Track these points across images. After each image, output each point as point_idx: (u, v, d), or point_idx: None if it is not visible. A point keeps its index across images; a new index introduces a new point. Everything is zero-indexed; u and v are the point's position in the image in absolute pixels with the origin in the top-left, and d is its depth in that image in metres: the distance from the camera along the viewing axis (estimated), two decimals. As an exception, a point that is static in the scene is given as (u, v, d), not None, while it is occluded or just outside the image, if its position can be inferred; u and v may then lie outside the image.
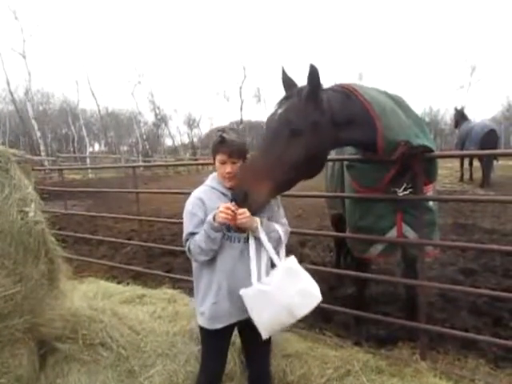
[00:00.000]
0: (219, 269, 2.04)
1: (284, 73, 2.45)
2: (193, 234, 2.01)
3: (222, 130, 2.09)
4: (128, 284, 4.32)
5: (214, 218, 1.92)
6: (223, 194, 2.09)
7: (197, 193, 2.12)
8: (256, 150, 2.26)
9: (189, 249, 2.03)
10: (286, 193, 2.45)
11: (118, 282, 4.56)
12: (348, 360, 2.67)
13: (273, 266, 2.07)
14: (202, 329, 2.14)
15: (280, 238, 2.09)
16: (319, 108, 2.26)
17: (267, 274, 2.05)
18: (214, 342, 2.15)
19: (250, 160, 2.15)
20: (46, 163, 22.94)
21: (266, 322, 1.99)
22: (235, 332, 2.23)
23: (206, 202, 2.05)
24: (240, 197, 1.98)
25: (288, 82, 2.43)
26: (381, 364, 2.66)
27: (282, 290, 1.96)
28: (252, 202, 1.99)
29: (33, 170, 3.21)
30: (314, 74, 2.19)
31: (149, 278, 4.90)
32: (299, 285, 2.01)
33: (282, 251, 2.13)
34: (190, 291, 4.13)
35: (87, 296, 3.61)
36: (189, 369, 2.61)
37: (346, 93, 2.46)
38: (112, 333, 2.70)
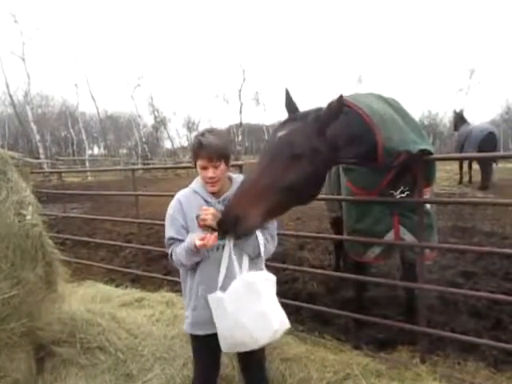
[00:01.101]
0: (198, 275, 2.00)
1: (288, 95, 2.39)
2: (173, 239, 1.99)
3: (201, 133, 2.00)
4: (127, 287, 4.31)
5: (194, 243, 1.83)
6: (205, 200, 2.01)
7: (179, 195, 2.07)
8: (253, 170, 2.15)
9: (171, 255, 2.00)
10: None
11: (117, 286, 4.54)
12: (347, 363, 2.66)
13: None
14: (191, 335, 2.10)
15: (259, 250, 2.00)
16: (323, 135, 2.20)
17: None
18: (198, 346, 2.11)
19: (245, 181, 2.06)
20: (45, 166, 22.90)
21: (221, 333, 1.92)
22: None
23: (184, 207, 2.00)
24: (231, 220, 1.85)
25: (291, 105, 2.38)
26: (380, 367, 2.64)
27: (235, 302, 1.85)
28: (242, 228, 1.88)
29: (31, 172, 3.21)
30: (340, 105, 2.13)
31: (148, 282, 4.88)
32: (257, 305, 1.87)
33: (261, 263, 2.09)
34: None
35: (85, 299, 3.60)
36: (186, 373, 2.59)
37: (351, 112, 2.40)
38: (110, 336, 2.69)
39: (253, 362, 2.18)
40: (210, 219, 1.84)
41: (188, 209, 2.00)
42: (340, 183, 3.35)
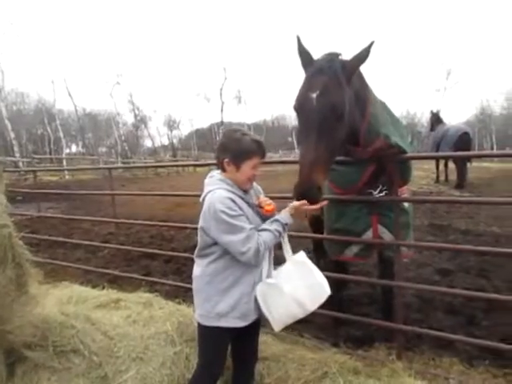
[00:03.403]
0: (252, 268, 2.04)
1: (300, 43, 2.35)
2: (251, 229, 1.93)
3: (244, 133, 2.02)
4: (103, 288, 4.22)
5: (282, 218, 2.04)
6: (241, 197, 2.02)
7: (225, 194, 1.95)
8: (302, 140, 2.19)
9: (255, 248, 1.91)
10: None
11: (94, 287, 4.44)
12: (325, 362, 2.66)
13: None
14: (216, 328, 2.05)
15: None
16: (350, 82, 2.22)
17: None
18: (221, 339, 2.12)
19: (304, 153, 2.15)
20: (20, 165, 22.36)
21: (276, 315, 2.06)
22: None
23: (237, 202, 1.95)
24: (314, 192, 2.07)
25: (304, 54, 2.33)
26: (357, 365, 2.66)
27: (290, 283, 2.04)
28: (320, 191, 2.12)
29: (4, 171, 3.11)
30: (369, 50, 2.17)
31: (126, 282, 4.80)
32: (309, 278, 2.09)
33: (287, 244, 2.19)
34: (166, 294, 4.09)
35: (60, 301, 3.50)
36: (164, 372, 2.55)
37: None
38: (84, 339, 2.62)
39: (248, 354, 2.29)
40: (273, 204, 2.11)
41: (240, 204, 1.97)
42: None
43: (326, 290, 2.11)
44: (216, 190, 1.99)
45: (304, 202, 2.06)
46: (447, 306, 3.77)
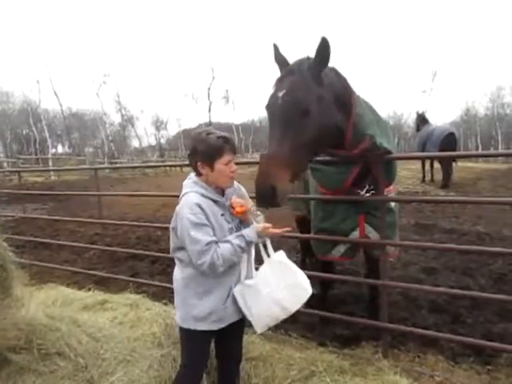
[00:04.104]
0: (232, 272, 2.03)
1: (277, 50, 2.36)
2: (210, 243, 1.88)
3: (210, 132, 1.99)
4: (90, 290, 4.18)
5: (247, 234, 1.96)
6: (214, 200, 2.00)
7: (194, 199, 1.94)
8: (269, 137, 2.18)
9: (210, 262, 1.87)
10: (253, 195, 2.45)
11: (80, 288, 4.40)
12: (312, 361, 2.68)
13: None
14: (194, 331, 2.05)
15: None
16: (320, 81, 2.21)
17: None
18: (202, 341, 2.13)
19: (267, 152, 2.12)
20: (5, 165, 22.02)
21: (257, 317, 2.04)
22: None
23: (205, 209, 1.93)
24: (268, 192, 1.99)
25: (280, 59, 2.35)
26: (344, 364, 2.68)
27: (268, 284, 2.01)
28: (280, 195, 2.02)
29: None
30: (325, 45, 2.16)
31: (112, 284, 4.76)
32: (288, 278, 2.04)
33: (269, 244, 2.15)
34: (153, 295, 4.07)
35: (45, 303, 3.46)
36: (152, 374, 2.53)
37: (336, 71, 2.44)
38: (70, 341, 2.59)
39: (232, 355, 2.28)
40: (248, 204, 2.04)
41: (207, 209, 1.94)
42: (306, 183, 3.39)
43: (306, 290, 2.07)
44: (189, 193, 2.00)
45: (266, 225, 2.00)
46: (432, 305, 3.82)
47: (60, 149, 66.74)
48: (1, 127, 37.54)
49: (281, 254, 2.13)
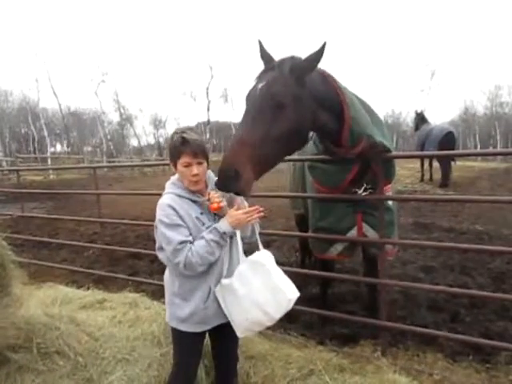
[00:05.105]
0: (211, 272, 1.97)
1: (262, 48, 2.38)
2: (184, 242, 1.86)
3: (180, 131, 1.96)
4: (89, 289, 4.18)
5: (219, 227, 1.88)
6: (192, 200, 1.98)
7: (167, 201, 1.94)
8: (240, 125, 2.17)
9: (185, 262, 1.85)
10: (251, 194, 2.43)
11: (79, 287, 4.40)
12: (311, 360, 2.68)
13: None
14: (180, 331, 2.05)
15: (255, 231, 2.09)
16: (301, 82, 2.22)
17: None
18: (192, 342, 2.10)
19: (234, 137, 2.09)
20: (4, 164, 21.99)
21: (236, 320, 1.96)
22: None
23: (178, 210, 1.91)
24: (231, 175, 1.89)
25: (266, 56, 2.37)
26: (343, 362, 2.68)
27: (245, 285, 1.90)
28: (244, 181, 1.93)
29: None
30: (319, 53, 2.19)
31: (111, 282, 4.77)
32: (268, 280, 1.92)
33: (239, 235, 2.03)
34: (153, 294, 4.06)
35: (44, 302, 3.45)
36: (152, 373, 2.53)
37: (323, 75, 2.45)
38: (69, 340, 2.58)
39: (230, 354, 2.24)
40: (225, 200, 1.95)
41: (181, 210, 1.92)
42: (304, 182, 3.39)
43: (285, 295, 1.93)
44: (165, 194, 2.01)
45: (238, 211, 1.92)
46: (431, 303, 3.82)
47: (59, 148, 66.62)
48: (-1, 126, 37.61)
49: (261, 254, 2.02)
